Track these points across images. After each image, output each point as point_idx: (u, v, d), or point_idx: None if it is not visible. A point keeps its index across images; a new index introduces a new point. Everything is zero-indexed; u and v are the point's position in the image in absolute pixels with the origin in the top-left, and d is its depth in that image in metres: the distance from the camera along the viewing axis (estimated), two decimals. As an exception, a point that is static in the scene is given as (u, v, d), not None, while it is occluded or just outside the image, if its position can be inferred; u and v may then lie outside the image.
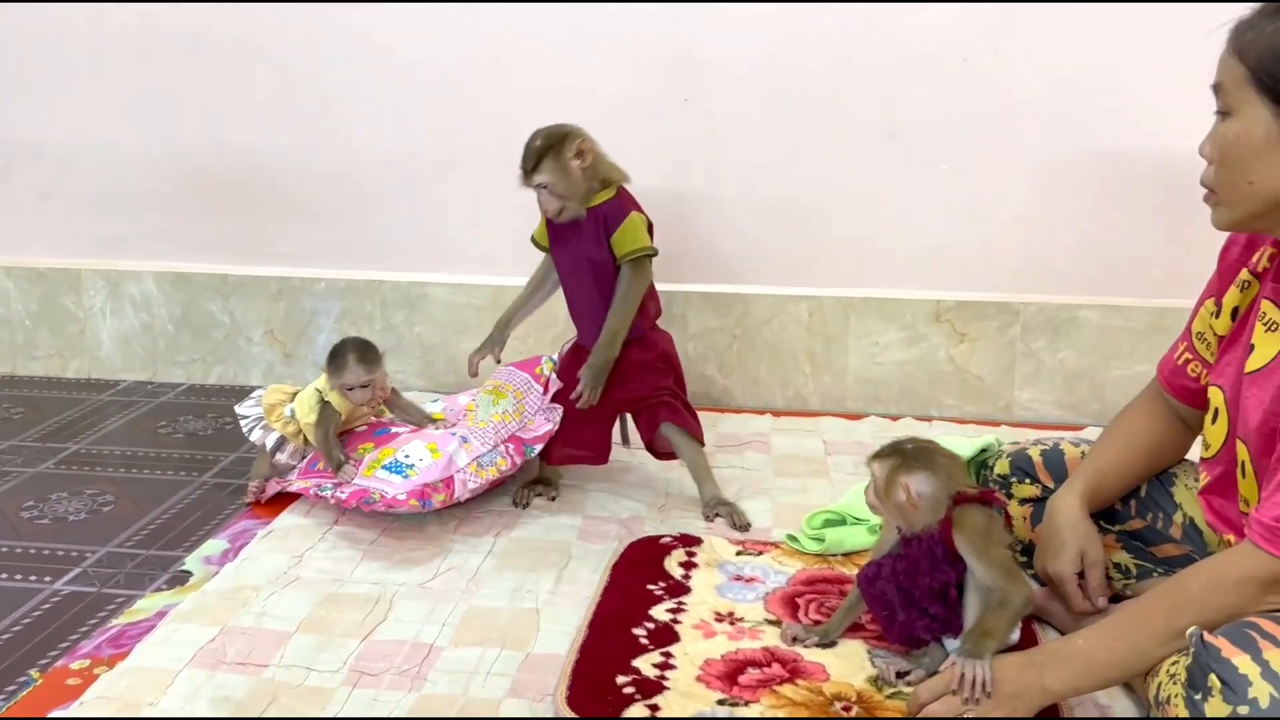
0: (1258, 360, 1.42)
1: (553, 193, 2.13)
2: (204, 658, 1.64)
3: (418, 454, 2.08)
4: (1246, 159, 1.32)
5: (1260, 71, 1.29)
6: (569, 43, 2.64)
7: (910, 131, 2.60)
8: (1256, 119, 1.30)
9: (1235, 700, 1.19)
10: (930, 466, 1.52)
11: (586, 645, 1.65)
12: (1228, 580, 1.30)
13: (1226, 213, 1.38)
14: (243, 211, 2.86)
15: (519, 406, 2.23)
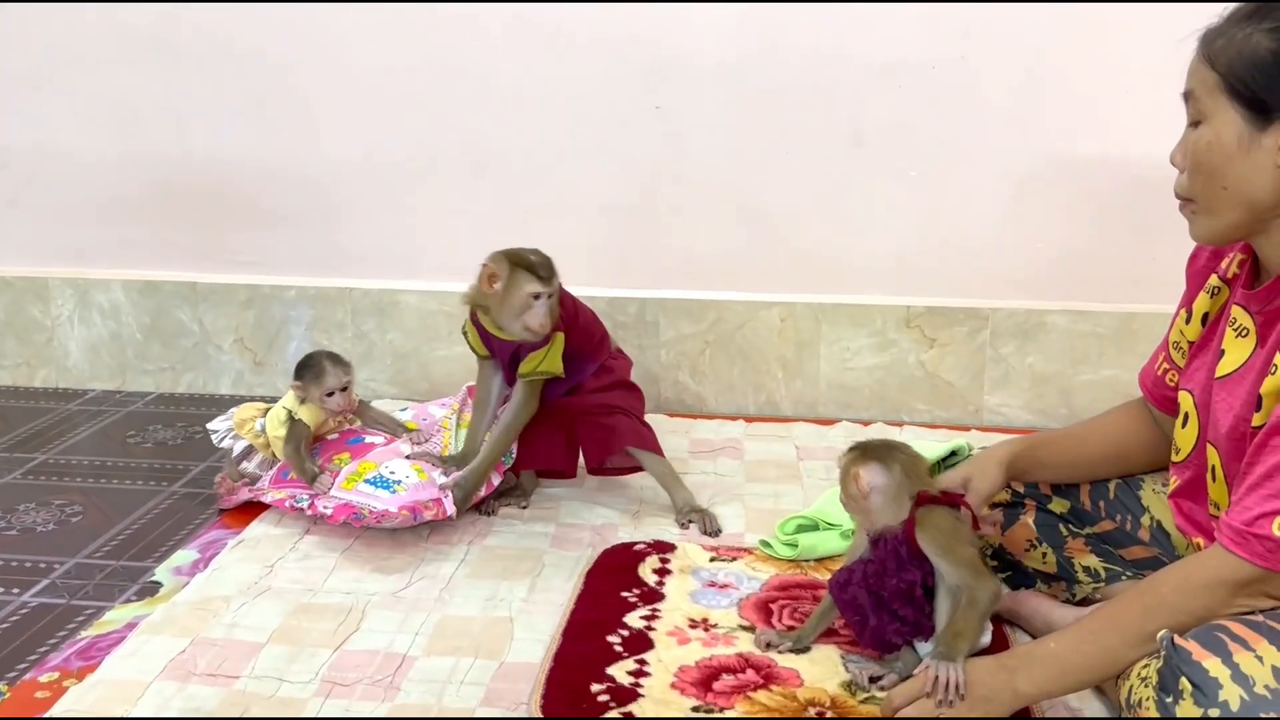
0: (1228, 365, 1.43)
1: (554, 301, 2.06)
2: (174, 669, 1.62)
3: (404, 472, 2.07)
4: (1220, 165, 1.33)
5: (1231, 77, 1.30)
6: (539, 50, 2.64)
7: (879, 139, 2.62)
8: (1228, 124, 1.31)
9: (1206, 703, 1.20)
10: (883, 460, 1.55)
11: (560, 653, 1.65)
12: (1198, 583, 1.32)
13: (1204, 223, 1.38)
14: (212, 219, 2.85)
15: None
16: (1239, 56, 1.30)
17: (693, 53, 2.61)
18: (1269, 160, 1.30)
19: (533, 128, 2.69)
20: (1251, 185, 1.32)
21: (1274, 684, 1.19)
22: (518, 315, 2.02)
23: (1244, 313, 1.43)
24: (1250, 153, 1.31)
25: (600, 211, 2.73)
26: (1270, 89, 1.28)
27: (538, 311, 2.01)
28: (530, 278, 2.01)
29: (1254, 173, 1.32)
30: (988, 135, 2.60)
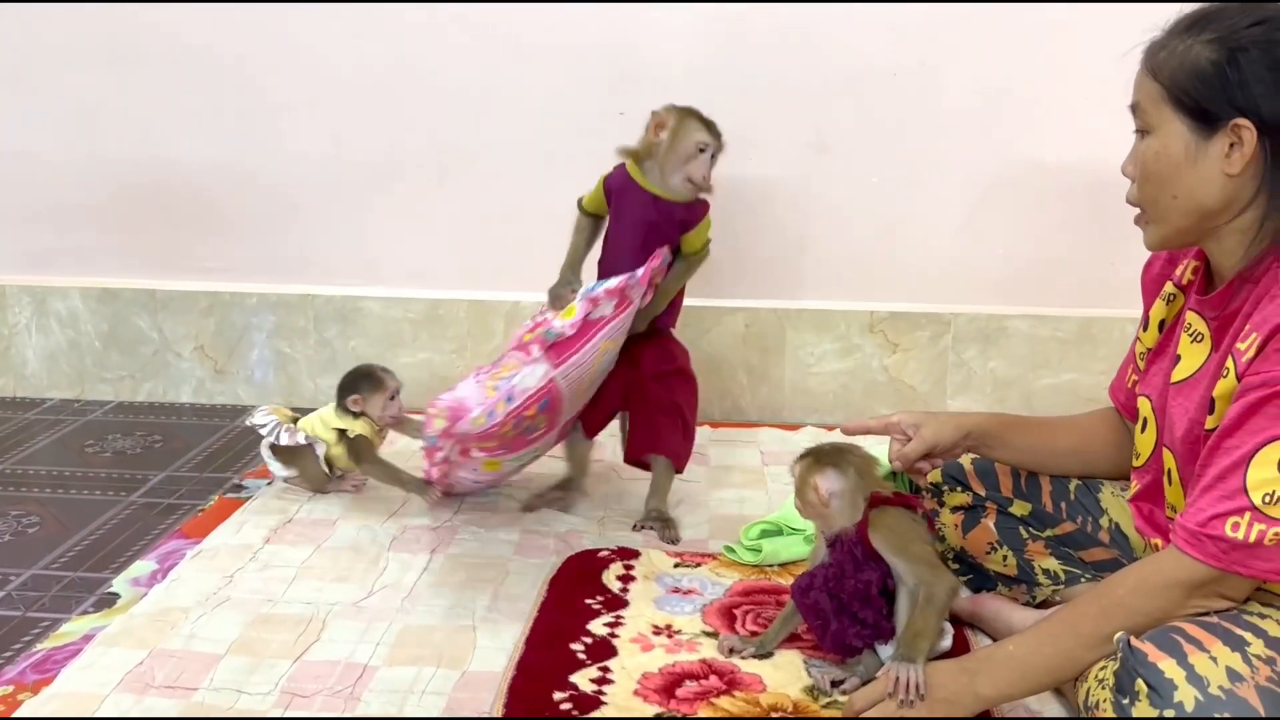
0: (1183, 371, 1.45)
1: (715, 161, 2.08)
2: (131, 681, 1.60)
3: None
4: (1168, 174, 1.35)
5: (1174, 89, 1.32)
6: (503, 55, 2.63)
7: (842, 145, 2.63)
8: (1174, 135, 1.33)
9: (1161, 704, 1.21)
10: (838, 464, 1.56)
11: (523, 662, 1.64)
12: (1154, 585, 1.33)
13: (1156, 231, 1.40)
14: (171, 226, 2.82)
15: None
16: (1181, 68, 1.32)
17: (658, 59, 2.62)
18: (1216, 168, 1.32)
19: (497, 133, 2.68)
20: (1200, 193, 1.34)
21: (1228, 684, 1.21)
22: (682, 164, 2.03)
23: (1199, 318, 1.45)
24: (1197, 162, 1.33)
25: (565, 217, 2.71)
26: (1212, 98, 1.30)
27: (702, 162, 2.03)
28: (699, 125, 2.04)
29: (1202, 181, 1.33)
30: (949, 142, 2.62)
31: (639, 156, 2.09)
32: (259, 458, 2.48)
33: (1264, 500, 1.25)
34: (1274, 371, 1.25)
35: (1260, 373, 1.27)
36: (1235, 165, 1.31)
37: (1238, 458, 1.27)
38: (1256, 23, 1.29)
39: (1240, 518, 1.26)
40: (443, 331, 2.78)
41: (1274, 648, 1.25)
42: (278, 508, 2.18)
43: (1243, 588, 1.32)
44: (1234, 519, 1.26)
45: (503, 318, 2.75)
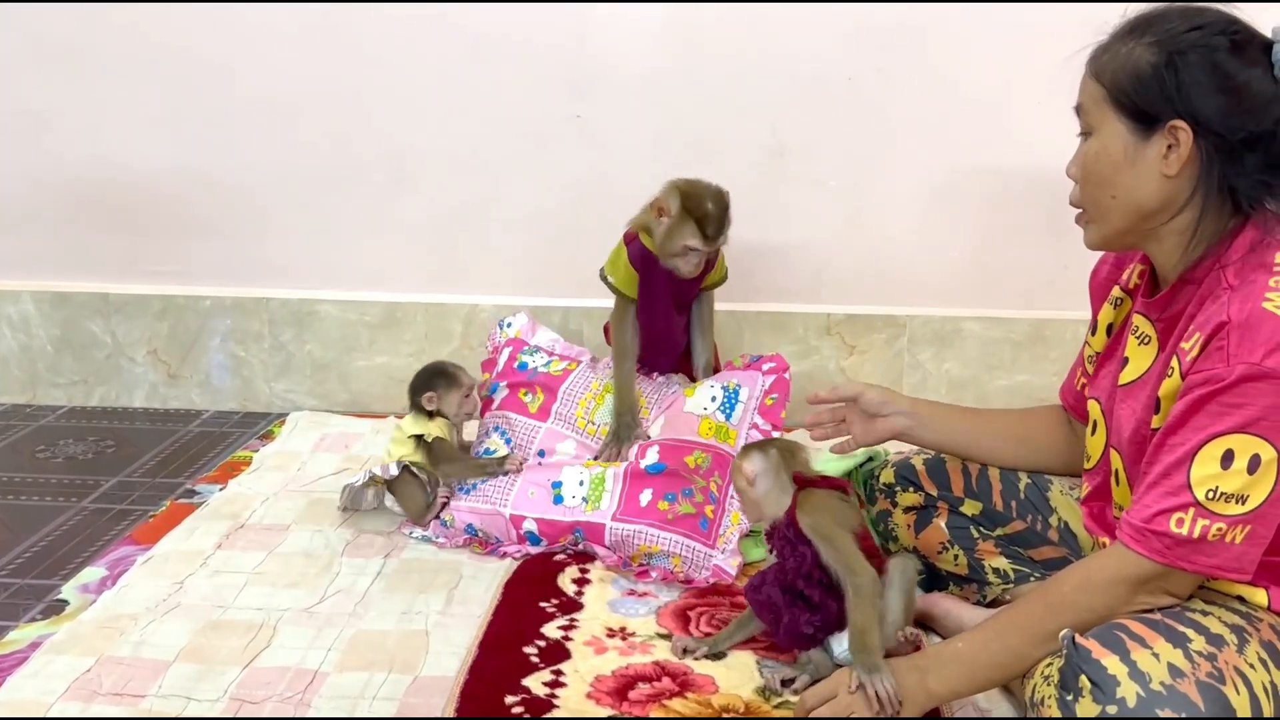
0: (1131, 373, 1.47)
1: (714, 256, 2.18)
2: (78, 689, 1.59)
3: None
4: (1108, 174, 1.38)
5: (1115, 90, 1.35)
6: (458, 58, 2.62)
7: (798, 149, 2.64)
8: (1115, 135, 1.36)
9: (1104, 700, 1.23)
10: (760, 448, 1.66)
11: (476, 666, 1.64)
12: (1099, 581, 1.34)
13: (1096, 230, 1.43)
14: (124, 229, 2.78)
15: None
16: (1121, 70, 1.35)
17: (614, 62, 2.61)
18: (1154, 169, 1.34)
19: (454, 136, 2.67)
20: (1138, 193, 1.37)
21: (1169, 680, 1.22)
22: (670, 257, 2.08)
23: (1145, 321, 1.47)
24: (1136, 162, 1.35)
25: (522, 220, 2.72)
26: (1151, 99, 1.33)
27: (690, 261, 2.07)
28: (694, 232, 2.04)
29: (1140, 181, 1.36)
30: (903, 146, 2.63)
31: (647, 229, 2.14)
32: (212, 463, 2.47)
33: (1207, 496, 1.27)
34: (1215, 369, 1.27)
35: (1202, 370, 1.29)
36: (1172, 166, 1.33)
37: (1181, 454, 1.28)
38: (1195, 28, 1.32)
39: (1184, 514, 1.27)
40: (400, 334, 2.76)
41: (1215, 644, 1.27)
42: (229, 513, 2.16)
43: (1187, 584, 1.34)
44: (1178, 515, 1.28)
45: (461, 321, 2.74)
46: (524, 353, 2.27)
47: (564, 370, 2.22)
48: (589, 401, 2.17)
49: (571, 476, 2.02)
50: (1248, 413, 1.25)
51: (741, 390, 2.12)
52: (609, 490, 1.98)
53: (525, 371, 2.22)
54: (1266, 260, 1.31)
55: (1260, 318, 1.26)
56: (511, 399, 2.18)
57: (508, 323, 2.36)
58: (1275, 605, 1.35)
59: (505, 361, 2.26)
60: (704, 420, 2.06)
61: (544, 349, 2.29)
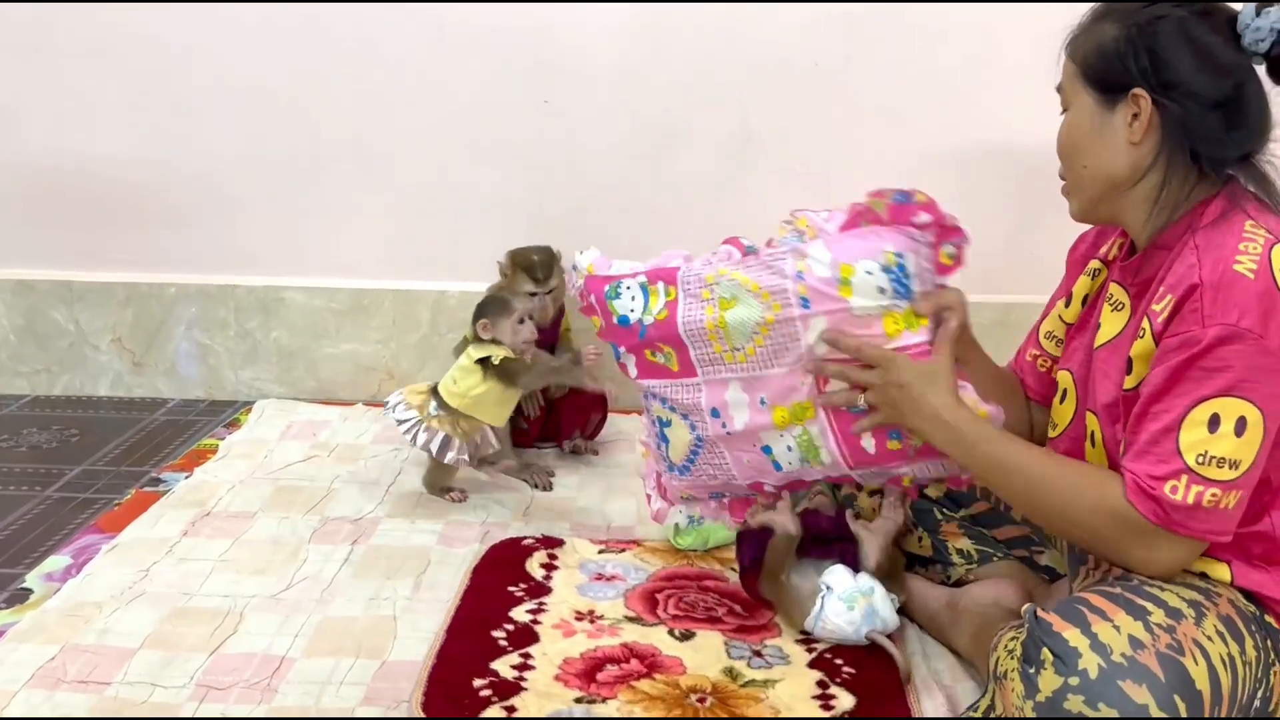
0: (1105, 335, 1.50)
1: (554, 300, 2.39)
2: (42, 678, 1.57)
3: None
4: (1079, 144, 1.44)
5: (1085, 65, 1.42)
6: (425, 44, 2.60)
7: (766, 135, 2.64)
8: (1083, 108, 1.43)
9: (1066, 672, 1.24)
10: None
11: (444, 650, 1.63)
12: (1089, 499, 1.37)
13: (1075, 202, 1.49)
14: (87, 217, 2.76)
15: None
16: (1092, 47, 1.42)
17: (580, 48, 2.61)
18: (1120, 137, 1.40)
19: (420, 123, 2.66)
20: (1107, 162, 1.42)
21: (1130, 651, 1.24)
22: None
23: (1120, 289, 1.50)
24: (1103, 132, 1.41)
25: (490, 207, 2.71)
26: (1113, 70, 1.39)
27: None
28: (527, 279, 2.35)
29: (1108, 150, 1.41)
30: (872, 131, 2.64)
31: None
32: (177, 451, 2.45)
33: (1197, 461, 1.28)
34: (1191, 331, 1.29)
35: (1177, 333, 1.31)
36: (1136, 134, 1.39)
37: (1168, 421, 1.30)
38: (1153, 2, 1.38)
39: (1178, 480, 1.29)
40: (368, 322, 2.75)
41: (1173, 617, 1.29)
42: (195, 501, 2.15)
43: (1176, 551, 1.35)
44: (1172, 482, 1.29)
45: (429, 308, 2.74)
46: (609, 296, 1.69)
47: (668, 307, 1.64)
48: (715, 327, 1.62)
49: (775, 442, 1.63)
50: (1230, 376, 1.27)
51: (907, 260, 1.54)
52: (821, 446, 1.61)
53: (629, 328, 1.68)
54: (1234, 226, 1.33)
55: (1232, 279, 1.28)
56: (644, 365, 1.70)
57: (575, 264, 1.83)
58: (1238, 580, 1.36)
59: (601, 314, 1.73)
60: (885, 316, 1.52)
61: (625, 277, 1.69)
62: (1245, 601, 1.36)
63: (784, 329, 1.52)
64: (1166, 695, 1.22)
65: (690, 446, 1.67)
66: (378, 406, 2.68)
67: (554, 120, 2.66)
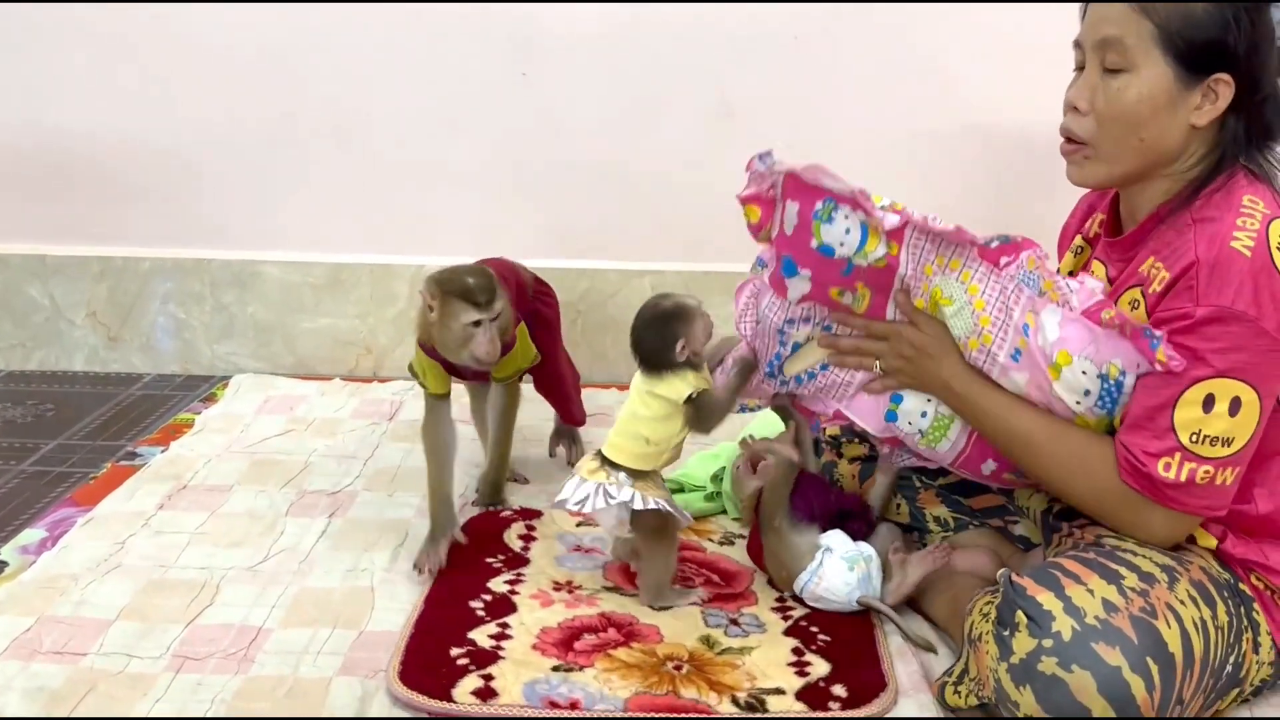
0: None
1: (500, 325, 1.79)
2: (18, 648, 1.57)
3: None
4: (1145, 117, 1.36)
5: (1172, 34, 1.32)
6: (402, 15, 2.58)
7: (746, 109, 2.63)
8: (1161, 79, 1.34)
9: (1040, 634, 1.25)
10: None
11: (421, 620, 1.63)
12: (1087, 472, 1.40)
13: (1100, 168, 1.42)
14: (60, 191, 2.73)
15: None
16: (1179, 13, 1.32)
17: (559, 21, 2.59)
18: (1185, 117, 1.35)
19: (395, 95, 2.64)
20: (1165, 140, 1.37)
21: (1103, 615, 1.25)
22: (462, 348, 1.76)
23: (1102, 266, 1.49)
24: (1175, 108, 1.35)
25: (468, 180, 2.69)
26: (1205, 51, 1.32)
27: (481, 339, 1.75)
28: (466, 307, 1.74)
29: (1171, 128, 1.36)
30: (851, 105, 2.63)
31: (428, 335, 1.83)
32: (153, 426, 2.43)
33: (1191, 439, 1.30)
34: (1184, 308, 1.30)
35: (1170, 309, 1.32)
36: (1204, 117, 1.35)
37: (1164, 398, 1.31)
38: None
39: (1171, 458, 1.31)
40: (345, 296, 2.74)
41: (1147, 581, 1.30)
42: (171, 474, 2.14)
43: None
44: (1165, 459, 1.31)
45: (407, 282, 2.72)
46: (819, 216, 1.50)
47: (888, 259, 1.50)
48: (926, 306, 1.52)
49: (916, 398, 1.57)
50: (1226, 357, 1.28)
51: (1126, 380, 1.39)
52: (951, 438, 1.57)
53: (831, 260, 1.51)
54: (1233, 200, 1.33)
55: (1229, 257, 1.28)
56: (820, 295, 1.56)
57: (765, 158, 1.58)
58: (1224, 547, 1.38)
59: (795, 225, 1.53)
60: (1079, 417, 1.44)
61: (843, 200, 1.51)
62: (1219, 569, 1.38)
63: (983, 360, 1.47)
64: (1139, 657, 1.23)
65: (821, 364, 1.62)
66: (355, 381, 2.68)
67: (532, 93, 2.65)
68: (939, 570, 1.62)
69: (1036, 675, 1.24)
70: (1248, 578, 1.39)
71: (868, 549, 1.64)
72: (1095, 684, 1.22)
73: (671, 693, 1.46)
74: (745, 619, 1.65)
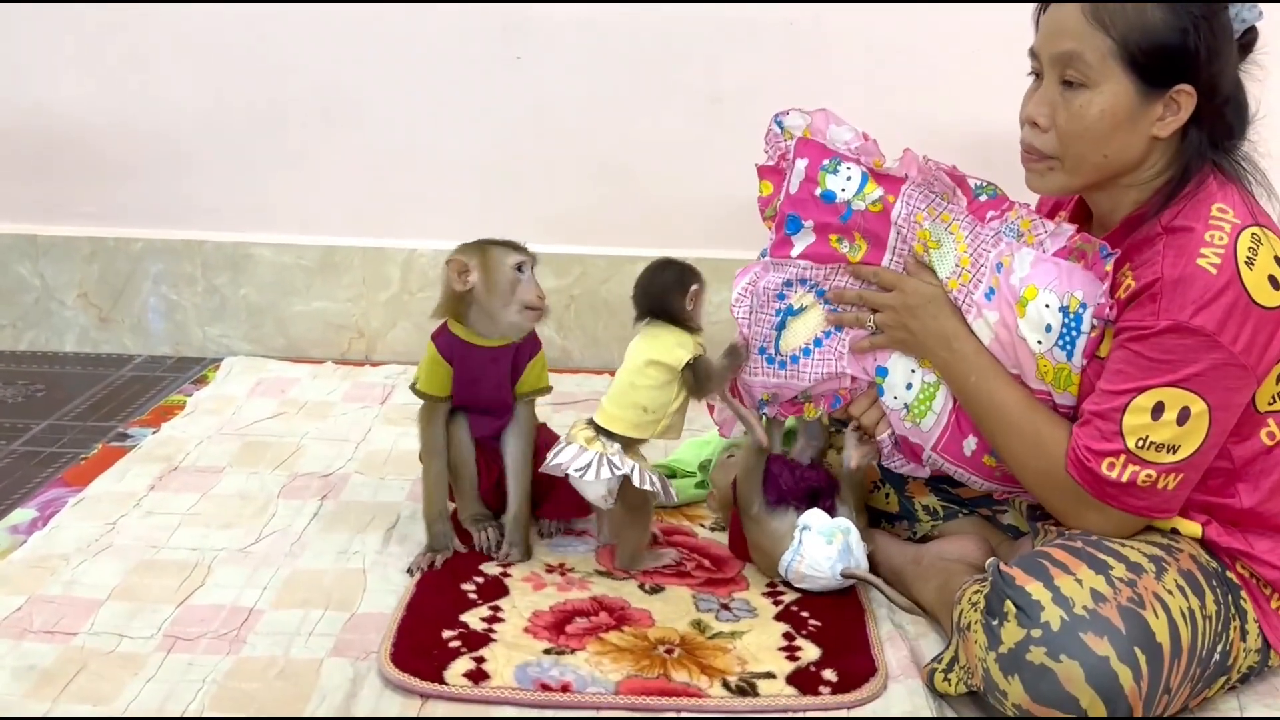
0: None
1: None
2: (8, 627, 1.57)
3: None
4: (1107, 133, 1.36)
5: (1130, 47, 1.32)
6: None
7: (736, 95, 2.63)
8: (1122, 94, 1.34)
9: (1028, 624, 1.26)
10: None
11: (414, 603, 1.64)
12: (1039, 458, 1.42)
13: (1061, 179, 1.42)
14: (50, 170, 2.71)
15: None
16: (1138, 28, 1.31)
17: (553, 4, 2.58)
18: (1147, 130, 1.36)
19: (387, 77, 2.63)
20: (1127, 153, 1.38)
21: (1092, 605, 1.26)
22: (510, 297, 1.71)
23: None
24: (1136, 122, 1.35)
25: (462, 163, 2.69)
26: (1165, 63, 1.32)
27: (529, 283, 1.72)
28: (505, 249, 1.72)
29: (1133, 141, 1.37)
30: (843, 93, 2.61)
31: (457, 312, 1.76)
32: (144, 407, 2.43)
33: (1137, 444, 1.31)
34: (1144, 320, 1.31)
35: (1130, 319, 1.34)
36: (1167, 129, 1.35)
37: (1116, 403, 1.33)
38: None
39: (1115, 459, 1.33)
40: (338, 279, 2.73)
41: (1135, 571, 1.31)
42: (163, 456, 2.14)
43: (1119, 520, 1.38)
44: (1109, 459, 1.33)
45: (399, 265, 2.72)
46: (826, 168, 1.61)
47: (884, 204, 1.58)
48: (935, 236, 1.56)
49: (901, 369, 1.59)
50: (1178, 369, 1.29)
51: (1085, 313, 1.43)
52: (935, 411, 1.57)
53: (832, 205, 1.59)
54: (1201, 211, 1.34)
55: (1192, 275, 1.29)
56: (821, 246, 1.61)
57: (782, 121, 1.72)
58: (1209, 535, 1.39)
59: (800, 181, 1.62)
60: (1040, 360, 1.46)
61: (848, 159, 1.63)
62: (1207, 557, 1.39)
63: (961, 299, 1.51)
64: (1127, 647, 1.24)
65: (815, 337, 1.63)
66: (348, 365, 2.68)
67: (525, 77, 2.64)
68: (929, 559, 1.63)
69: (1025, 665, 1.25)
70: (1234, 566, 1.40)
71: (844, 521, 1.66)
72: (1083, 674, 1.23)
73: (663, 676, 1.47)
74: (736, 604, 1.65)
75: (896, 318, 1.53)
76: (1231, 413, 1.33)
